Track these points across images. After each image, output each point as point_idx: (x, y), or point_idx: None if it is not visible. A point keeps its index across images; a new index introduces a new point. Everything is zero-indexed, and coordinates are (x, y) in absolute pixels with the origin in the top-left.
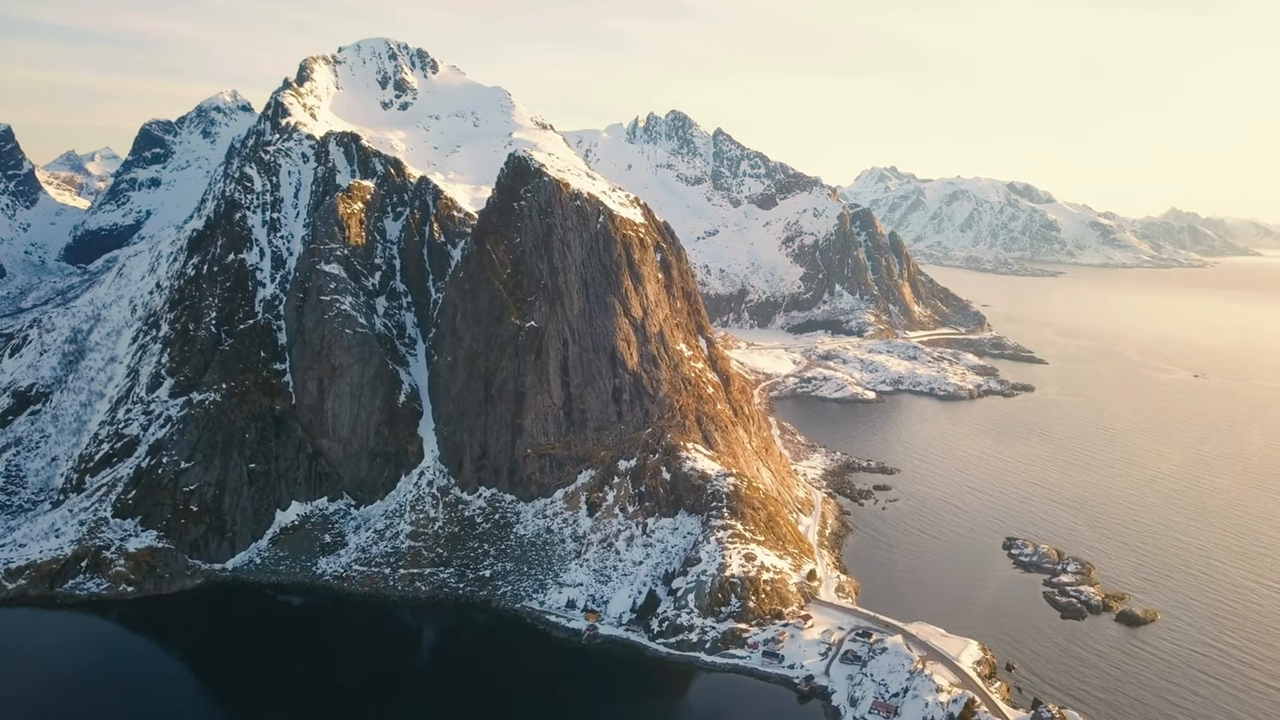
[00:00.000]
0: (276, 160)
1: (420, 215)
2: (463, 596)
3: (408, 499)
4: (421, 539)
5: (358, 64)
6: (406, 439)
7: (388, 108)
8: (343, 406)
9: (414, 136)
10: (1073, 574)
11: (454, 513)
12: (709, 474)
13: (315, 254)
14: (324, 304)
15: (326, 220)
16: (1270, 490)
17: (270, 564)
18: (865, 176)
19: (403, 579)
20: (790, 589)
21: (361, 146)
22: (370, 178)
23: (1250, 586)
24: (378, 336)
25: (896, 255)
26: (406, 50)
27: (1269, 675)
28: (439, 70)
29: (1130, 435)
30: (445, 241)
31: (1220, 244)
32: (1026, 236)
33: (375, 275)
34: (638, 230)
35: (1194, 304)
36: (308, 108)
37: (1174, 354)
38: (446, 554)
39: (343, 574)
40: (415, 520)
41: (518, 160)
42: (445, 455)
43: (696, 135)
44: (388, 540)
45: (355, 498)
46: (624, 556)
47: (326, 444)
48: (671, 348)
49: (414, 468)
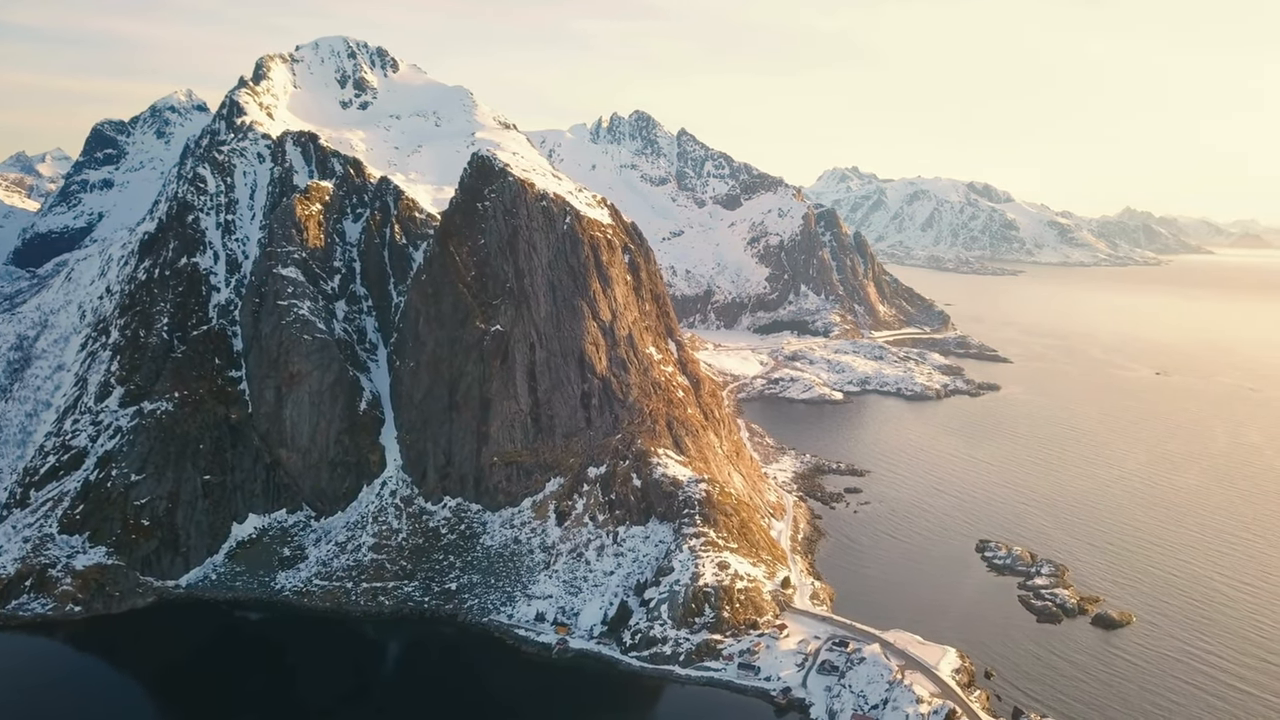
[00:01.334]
0: (231, 160)
1: (381, 217)
2: (428, 611)
3: (370, 510)
4: (385, 551)
5: (316, 63)
6: (368, 448)
7: (347, 107)
8: (301, 415)
9: (374, 136)
10: (1047, 576)
11: (418, 524)
12: (680, 480)
13: (272, 257)
14: (281, 309)
15: (283, 222)
16: (1236, 489)
17: (226, 580)
18: (827, 177)
19: (365, 593)
20: (765, 597)
21: (320, 146)
22: (329, 178)
23: (1221, 587)
24: (337, 342)
25: (861, 255)
26: (366, 49)
27: (1243, 680)
28: (399, 69)
29: (1096, 434)
30: (407, 243)
31: (1174, 242)
32: (986, 236)
33: (334, 279)
34: (605, 231)
35: (1151, 302)
36: (264, 107)
37: (1135, 352)
38: (411, 567)
39: (303, 589)
40: (378, 532)
41: (481, 160)
42: (408, 464)
43: (660, 135)
44: (349, 553)
45: (315, 509)
46: (594, 567)
47: (285, 454)
48: (641, 351)
49: (376, 477)
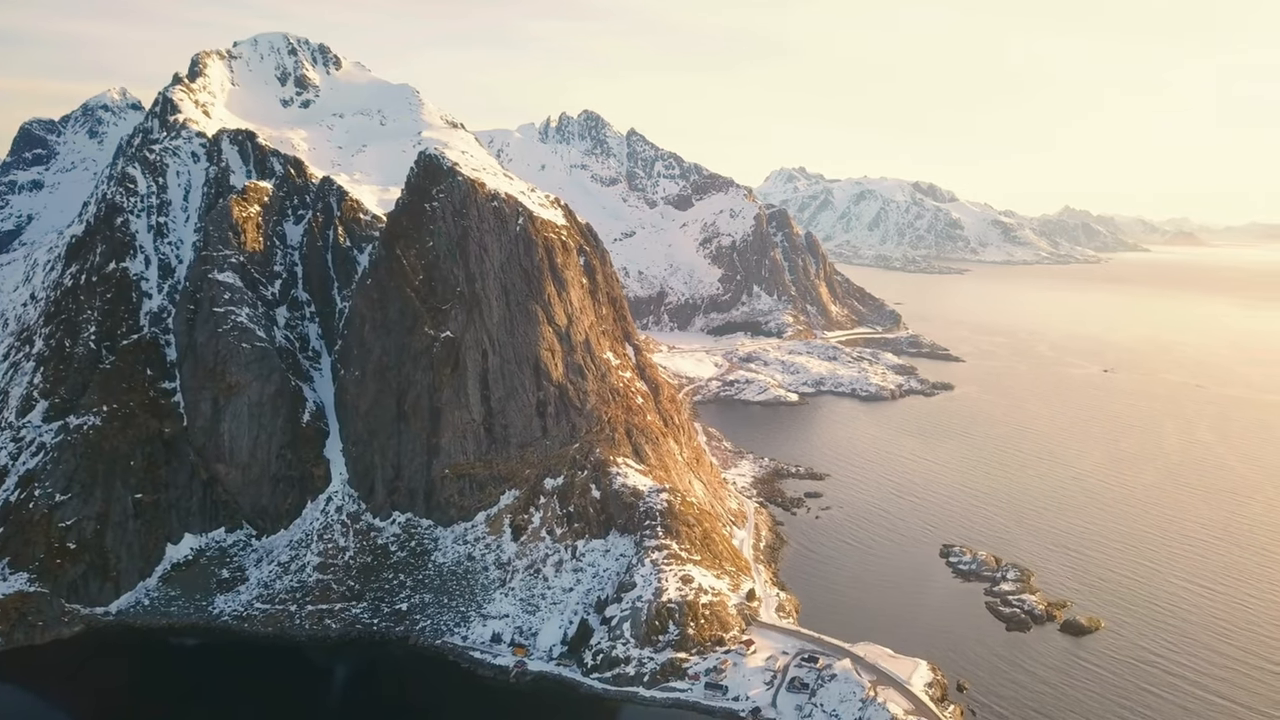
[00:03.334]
0: (163, 159)
1: (323, 218)
2: (377, 633)
3: (314, 528)
4: (330, 571)
5: (255, 59)
6: (312, 462)
7: (288, 105)
8: (241, 428)
9: (317, 135)
10: (1013, 582)
11: (366, 541)
12: (641, 490)
13: (207, 261)
14: (218, 316)
15: (219, 224)
16: (1189, 487)
17: (160, 605)
18: (775, 177)
19: (310, 616)
20: (730, 612)
21: (258, 145)
22: (268, 178)
23: (1184, 589)
24: (278, 350)
25: (813, 255)
26: (307, 46)
27: (1211, 689)
28: (342, 67)
29: (1051, 433)
30: (351, 246)
31: (1112, 240)
32: (932, 235)
33: (275, 284)
34: (559, 232)
35: (1094, 299)
36: (200, 104)
37: (1083, 349)
38: (359, 587)
39: (243, 613)
40: (323, 551)
41: (429, 159)
42: (355, 478)
43: (610, 135)
44: (293, 574)
45: (256, 528)
46: (553, 583)
47: (223, 469)
48: (598, 356)
49: (321, 493)
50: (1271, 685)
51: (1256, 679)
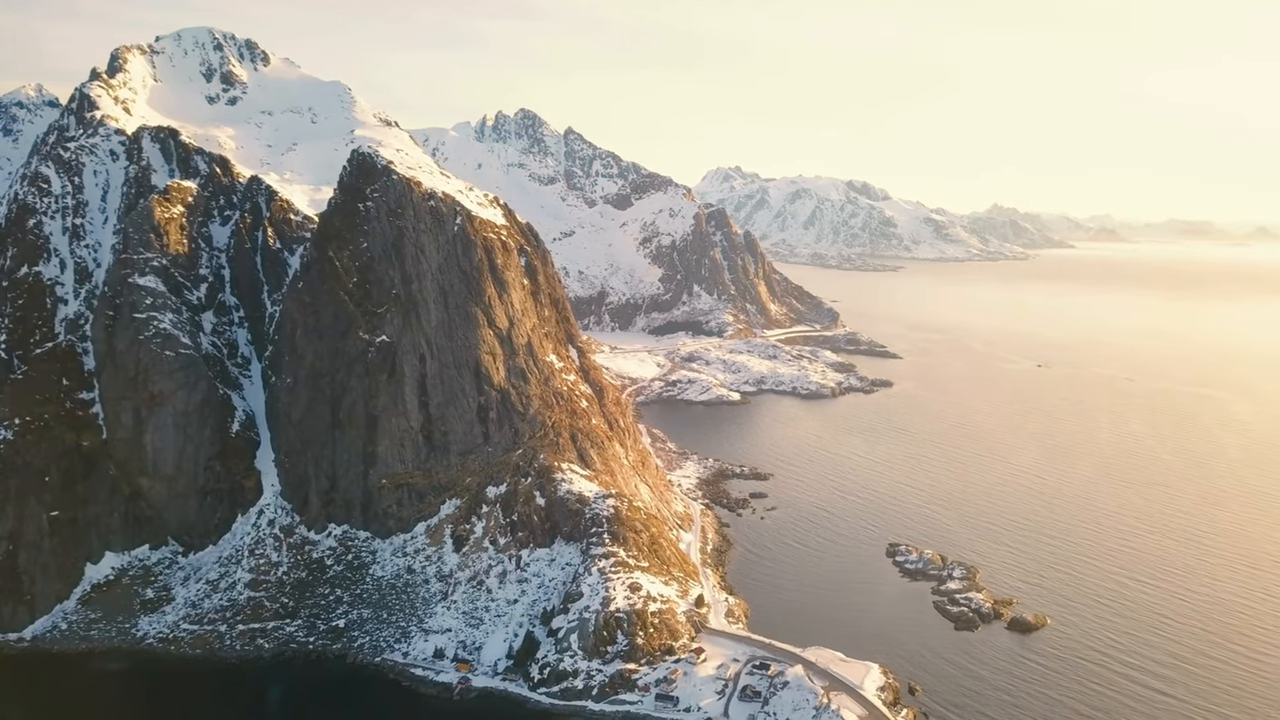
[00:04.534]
0: (79, 158)
1: (252, 219)
2: (314, 652)
3: (245, 542)
4: (263, 588)
5: (178, 55)
6: (242, 473)
7: (214, 102)
8: (165, 439)
9: (245, 134)
10: (959, 580)
11: (300, 555)
12: (587, 496)
13: (127, 265)
14: (139, 322)
15: (140, 226)
16: (1124, 480)
17: (79, 629)
18: (711, 176)
19: (242, 636)
20: (679, 619)
21: (181, 143)
22: (192, 178)
23: (1124, 582)
24: (205, 358)
25: (751, 254)
26: (234, 41)
27: (1156, 678)
28: (270, 63)
29: (989, 429)
30: (282, 248)
31: (1039, 237)
32: (866, 233)
33: (200, 288)
34: (499, 232)
35: (1024, 295)
36: (120, 101)
37: (1016, 344)
38: (293, 604)
39: (169, 635)
40: (255, 566)
41: (362, 157)
42: (288, 490)
43: (547, 134)
44: (223, 592)
45: (183, 544)
46: (497, 595)
47: (147, 483)
48: (541, 360)
49: (252, 506)
50: (1211, 677)
51: (1197, 671)
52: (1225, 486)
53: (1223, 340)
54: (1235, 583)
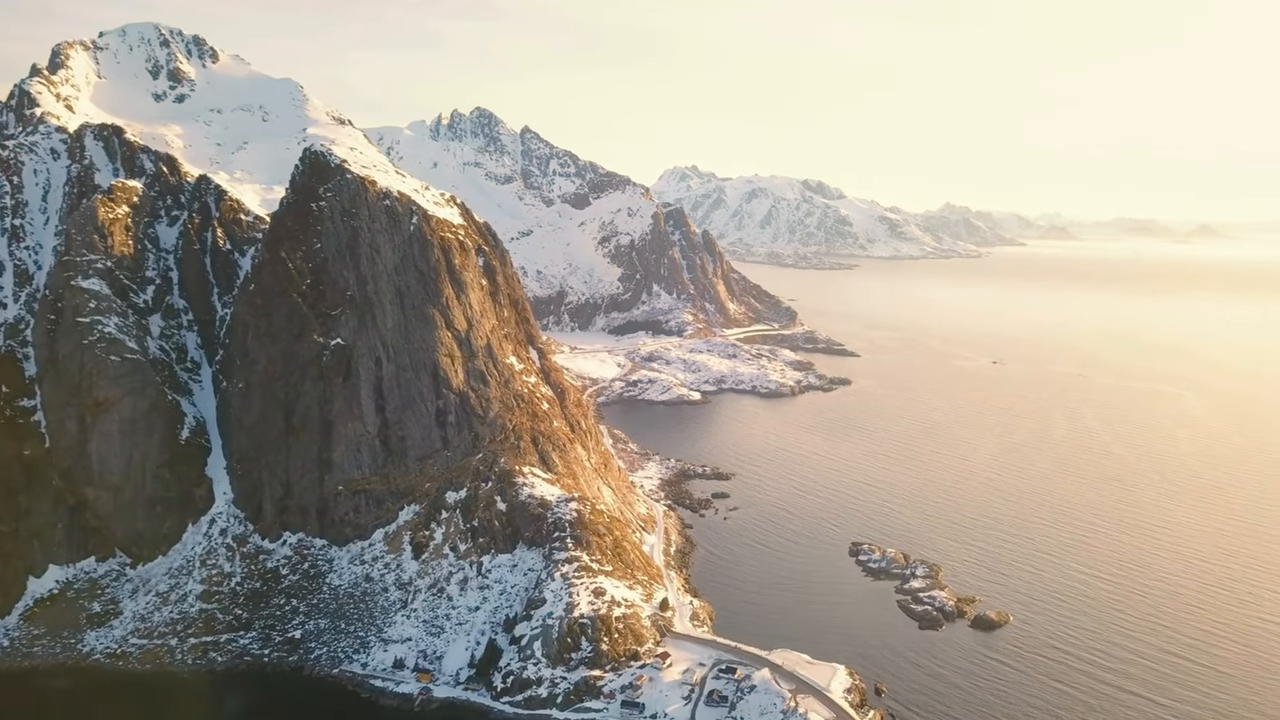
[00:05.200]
0: (18, 156)
1: (201, 220)
2: (269, 664)
3: (197, 553)
4: (215, 599)
5: (123, 51)
6: (193, 481)
7: (161, 100)
8: (111, 447)
9: (193, 132)
10: (922, 578)
11: (254, 565)
12: (549, 500)
13: (70, 267)
14: (82, 326)
15: (83, 227)
16: (1080, 476)
17: (22, 645)
18: (668, 176)
19: (194, 650)
20: (644, 624)
21: (126, 141)
22: (138, 177)
23: (1082, 578)
24: (153, 362)
25: (710, 254)
26: (181, 37)
27: (1116, 674)
28: (220, 60)
29: (947, 426)
30: (232, 249)
31: (991, 235)
32: (822, 232)
33: (147, 290)
34: (456, 232)
35: (978, 293)
36: (62, 98)
37: (972, 342)
38: (247, 615)
39: (117, 650)
40: (207, 577)
41: (315, 155)
42: (240, 498)
43: (503, 133)
44: (173, 604)
45: (131, 555)
46: (458, 603)
47: (92, 493)
48: (501, 361)
49: (203, 515)
50: (1170, 672)
51: (1156, 666)
52: (1179, 481)
53: (1171, 336)
54: (1190, 577)
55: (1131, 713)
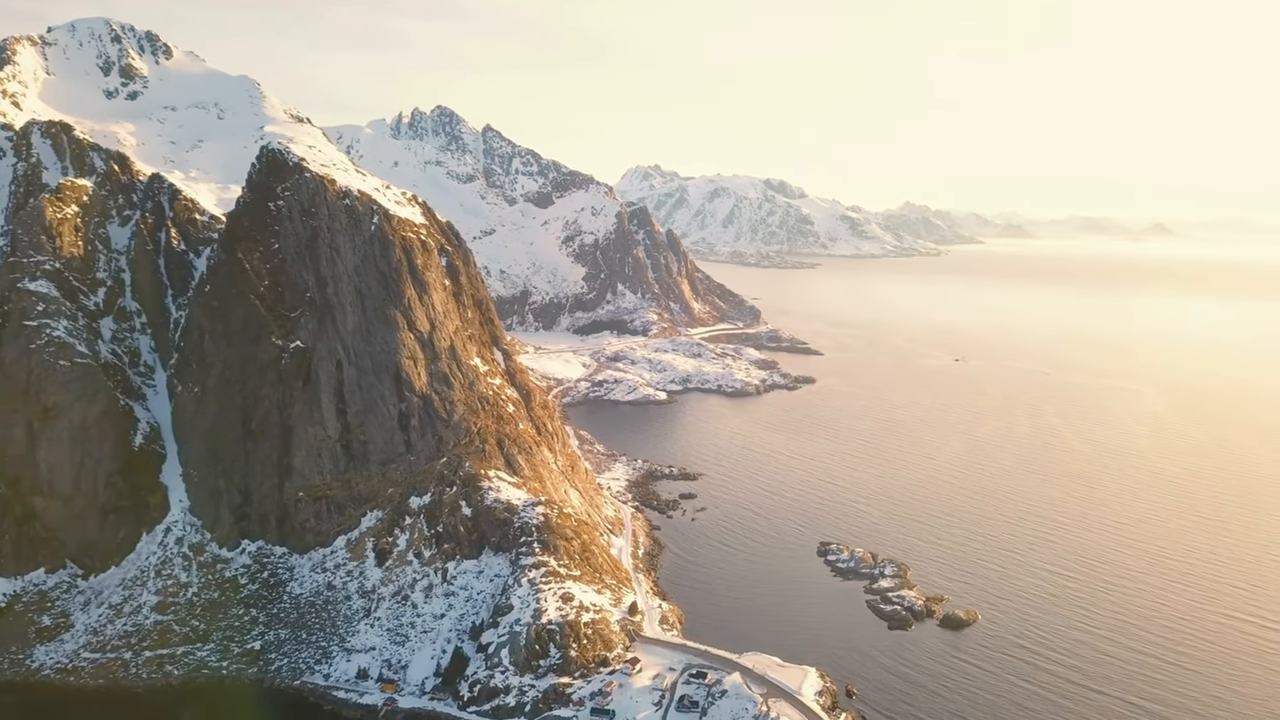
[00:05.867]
0: None
1: (154, 220)
2: (228, 677)
3: (151, 563)
4: (171, 611)
5: (73, 46)
6: (147, 489)
7: (113, 97)
8: (61, 455)
9: (146, 130)
10: (891, 578)
11: (211, 575)
12: (515, 504)
13: (16, 269)
14: (30, 330)
15: (30, 227)
16: (1043, 473)
17: None
18: (630, 175)
19: (149, 663)
20: (613, 629)
21: (75, 139)
22: (88, 176)
23: (1048, 575)
24: (104, 367)
25: (674, 253)
26: (133, 33)
27: (1085, 675)
28: (174, 56)
29: (911, 424)
30: (187, 250)
31: (950, 234)
32: (784, 231)
33: (98, 293)
34: (418, 231)
35: (939, 291)
36: (9, 95)
37: (934, 339)
38: (204, 626)
39: (68, 665)
40: (162, 588)
41: (272, 154)
42: (197, 505)
43: (465, 132)
44: (127, 616)
45: (82, 566)
46: (422, 610)
47: (41, 502)
48: (465, 363)
49: (158, 524)
50: (1136, 669)
51: (1123, 663)
52: (1140, 477)
53: (1128, 333)
54: (1154, 573)
55: (1099, 712)
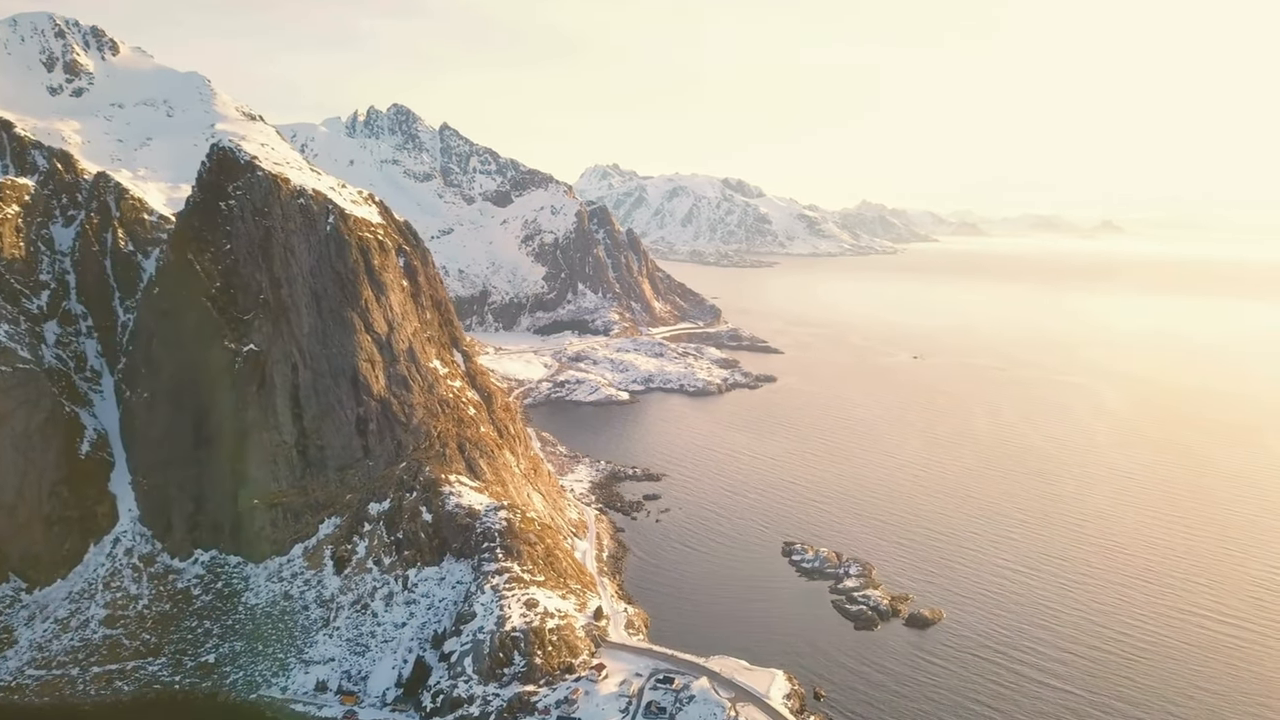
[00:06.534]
0: None
1: (100, 220)
2: (181, 692)
3: (99, 575)
4: (121, 624)
5: (14, 41)
6: (94, 498)
7: (57, 94)
8: (4, 464)
9: (92, 127)
10: (856, 577)
11: (163, 586)
12: (477, 509)
13: None
14: None
15: None
16: (1003, 470)
17: None
18: (589, 174)
19: (97, 680)
20: (578, 634)
21: (16, 136)
22: (30, 174)
23: (1010, 572)
24: (48, 372)
25: (635, 252)
26: (78, 28)
27: (1049, 675)
28: (120, 53)
29: (872, 422)
30: (135, 251)
31: (905, 232)
32: (742, 230)
33: (41, 295)
34: (375, 231)
35: (896, 289)
36: None
37: (891, 337)
38: (156, 640)
39: (11, 682)
40: (111, 601)
41: (223, 151)
42: (147, 515)
43: (422, 130)
44: (74, 631)
45: (27, 579)
46: (383, 619)
47: None
48: (424, 365)
49: (106, 534)
50: (1099, 666)
51: (1085, 660)
52: (1098, 473)
53: (1081, 329)
54: (1113, 569)
55: (1064, 710)
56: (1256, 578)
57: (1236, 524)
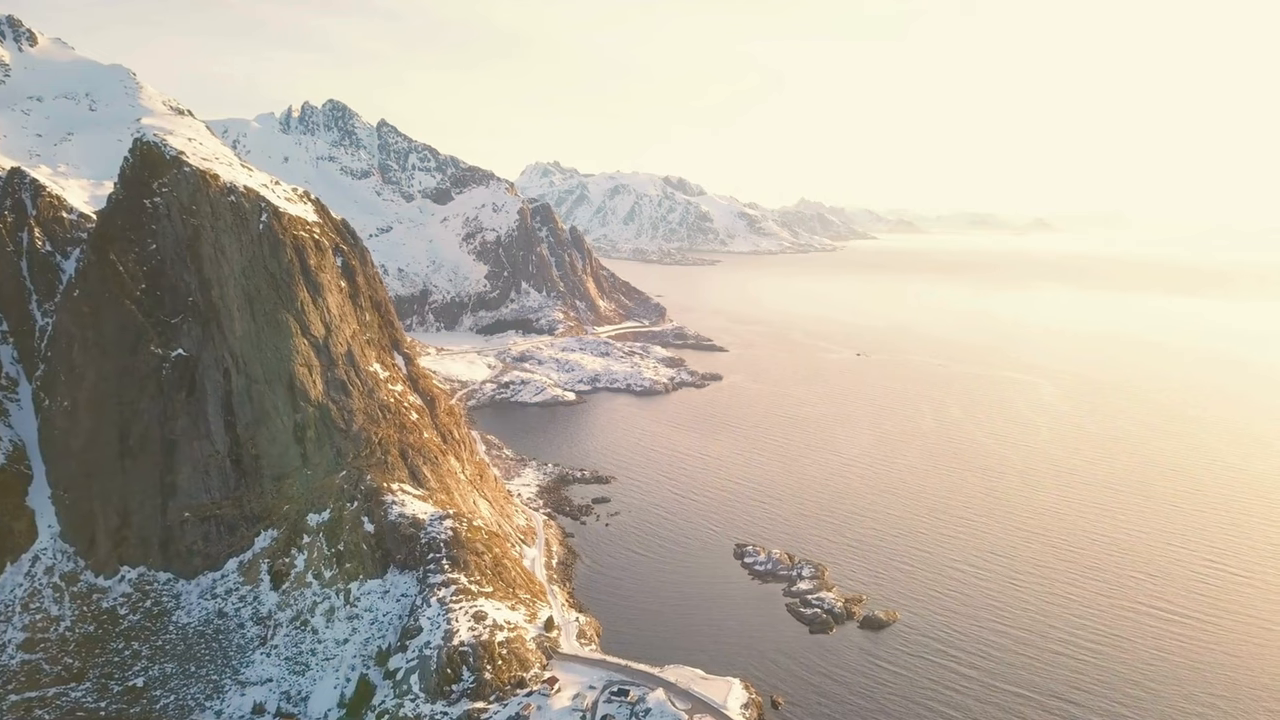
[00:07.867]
0: None
1: (14, 218)
2: (107, 719)
3: (17, 595)
4: (41, 648)
5: None
6: (10, 514)
7: None
8: None
9: (8, 121)
10: (809, 579)
11: (87, 606)
12: (421, 519)
13: None
14: None
15: None
16: (949, 467)
17: None
18: (530, 171)
19: (15, 708)
20: (529, 647)
21: None
22: None
23: (960, 570)
24: None
25: (579, 250)
26: None
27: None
28: (38, 43)
29: (818, 420)
30: (53, 251)
31: (844, 229)
32: (684, 228)
33: None
34: (311, 230)
35: (836, 286)
36: None
37: (834, 334)
38: (79, 664)
39: None
40: (30, 623)
41: (147, 146)
42: (69, 530)
43: (359, 126)
44: None
45: None
46: (324, 636)
47: None
48: (364, 369)
49: (24, 552)
50: (1048, 664)
51: (1035, 660)
52: (1042, 468)
53: (1019, 325)
54: (1060, 565)
55: (1017, 708)
56: (1197, 572)
57: (1178, 516)
